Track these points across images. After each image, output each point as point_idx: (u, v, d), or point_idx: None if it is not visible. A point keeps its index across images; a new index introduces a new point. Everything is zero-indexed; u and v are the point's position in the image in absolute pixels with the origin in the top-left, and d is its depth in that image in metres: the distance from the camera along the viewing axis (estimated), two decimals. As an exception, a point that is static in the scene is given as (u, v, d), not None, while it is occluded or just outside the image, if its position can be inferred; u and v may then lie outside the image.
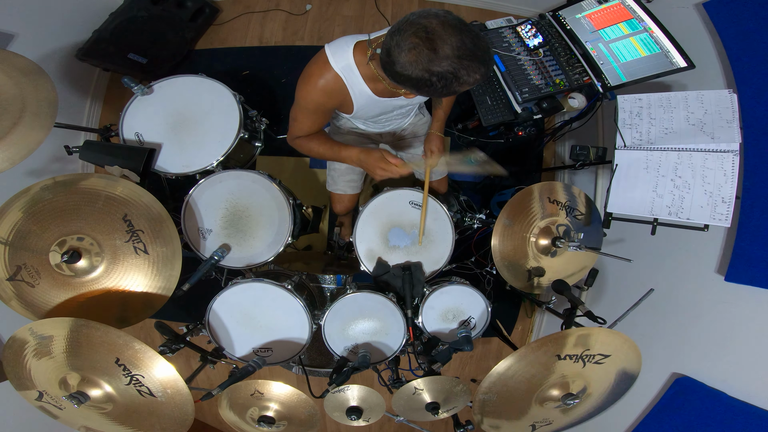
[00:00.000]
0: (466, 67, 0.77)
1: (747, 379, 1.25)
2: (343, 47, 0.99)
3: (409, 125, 1.51)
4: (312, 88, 1.02)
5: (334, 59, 0.98)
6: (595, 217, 1.41)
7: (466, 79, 0.79)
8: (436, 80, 0.78)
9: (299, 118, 1.14)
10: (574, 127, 2.09)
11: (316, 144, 1.20)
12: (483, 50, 0.78)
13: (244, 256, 1.32)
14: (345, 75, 1.00)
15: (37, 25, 1.89)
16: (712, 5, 1.48)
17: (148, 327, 2.20)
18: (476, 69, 0.78)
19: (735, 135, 1.26)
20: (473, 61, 0.77)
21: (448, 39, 0.75)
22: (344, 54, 0.98)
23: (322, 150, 1.19)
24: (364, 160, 1.12)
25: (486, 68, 0.80)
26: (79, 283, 1.12)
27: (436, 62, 0.76)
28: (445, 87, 0.80)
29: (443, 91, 0.82)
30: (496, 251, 1.28)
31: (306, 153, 1.23)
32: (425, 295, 1.36)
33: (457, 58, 0.76)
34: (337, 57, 0.98)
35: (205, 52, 2.47)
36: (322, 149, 1.20)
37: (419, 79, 0.79)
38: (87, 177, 1.14)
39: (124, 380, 1.03)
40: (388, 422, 2.33)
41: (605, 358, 1.05)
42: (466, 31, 0.76)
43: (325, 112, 1.12)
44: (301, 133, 1.19)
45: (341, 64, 0.98)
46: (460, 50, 0.75)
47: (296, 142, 1.22)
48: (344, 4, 2.56)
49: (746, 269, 1.27)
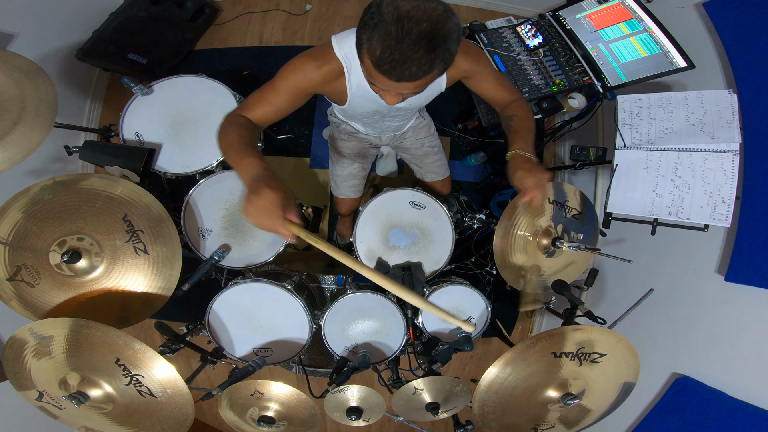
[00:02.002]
0: (384, 33, 0.71)
1: (747, 379, 1.25)
2: (348, 35, 0.97)
3: (409, 129, 1.50)
4: (308, 61, 0.95)
5: (338, 45, 0.97)
6: (590, 216, 1.40)
7: (372, 40, 0.73)
8: (372, 11, 0.73)
9: (266, 90, 0.97)
10: (574, 127, 2.09)
11: (237, 132, 0.92)
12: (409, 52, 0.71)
13: (244, 256, 1.32)
14: (346, 61, 0.98)
15: (37, 25, 1.89)
16: (712, 5, 1.49)
17: (148, 327, 2.19)
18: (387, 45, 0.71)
19: (735, 135, 1.26)
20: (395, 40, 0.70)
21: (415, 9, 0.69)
22: (349, 41, 0.97)
23: (234, 140, 0.90)
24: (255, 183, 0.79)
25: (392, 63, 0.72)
26: (79, 283, 1.12)
27: (389, 3, 0.71)
28: (363, 25, 0.74)
29: (360, 29, 0.76)
30: (498, 252, 1.27)
31: (219, 136, 0.93)
32: (425, 295, 1.36)
33: (396, 19, 0.69)
34: (342, 43, 0.97)
35: (205, 52, 2.47)
36: (234, 138, 0.91)
37: (370, 5, 0.73)
38: (87, 177, 1.14)
39: (124, 380, 1.03)
40: (388, 422, 2.33)
41: (602, 357, 1.05)
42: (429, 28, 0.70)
43: (302, 94, 0.99)
44: (252, 109, 0.98)
45: (344, 50, 0.97)
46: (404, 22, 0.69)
47: (229, 118, 0.96)
48: (344, 4, 2.56)
49: (746, 269, 1.27)
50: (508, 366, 1.04)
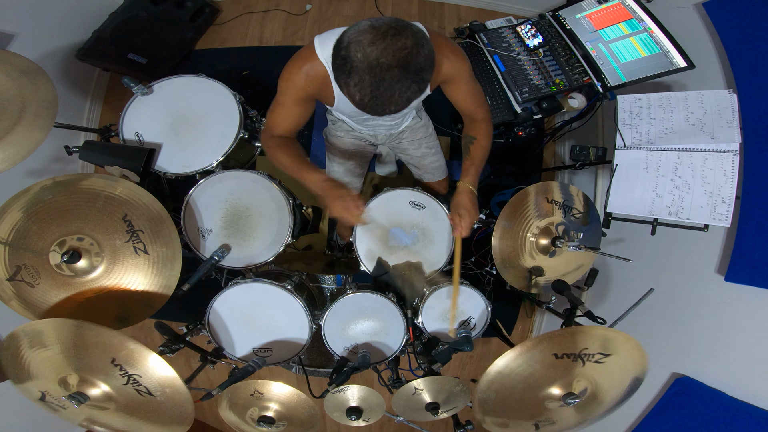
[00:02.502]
0: (359, 82, 0.76)
1: (747, 379, 1.25)
2: (330, 37, 0.96)
3: (406, 129, 1.49)
4: (295, 71, 1.00)
5: (320, 48, 0.98)
6: (594, 216, 1.41)
7: (349, 86, 0.78)
8: (342, 55, 0.77)
9: (276, 109, 1.10)
10: (574, 127, 2.09)
11: (285, 153, 1.11)
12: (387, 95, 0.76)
13: (244, 256, 1.32)
14: (329, 64, 0.98)
15: (37, 25, 1.89)
16: (712, 5, 1.49)
17: (148, 327, 2.19)
18: (365, 93, 0.77)
19: (735, 135, 1.26)
20: (371, 88, 0.75)
21: (384, 53, 0.73)
22: (331, 43, 0.96)
23: (288, 162, 1.10)
24: (327, 192, 1.06)
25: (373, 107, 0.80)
26: (78, 283, 1.12)
27: (357, 48, 0.74)
28: (337, 69, 0.79)
29: (335, 71, 0.81)
30: (497, 252, 1.27)
31: (272, 159, 1.13)
32: (425, 295, 1.36)
33: (368, 68, 0.74)
34: (324, 46, 0.97)
35: (205, 52, 2.47)
36: (287, 161, 1.11)
37: (339, 41, 0.78)
38: (87, 177, 1.14)
39: (121, 380, 1.03)
40: (388, 422, 2.33)
41: (606, 357, 1.05)
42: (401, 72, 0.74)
43: (304, 101, 1.07)
44: (276, 128, 1.12)
45: (327, 53, 0.96)
46: (376, 71, 0.74)
47: (267, 143, 1.14)
48: (344, 4, 2.56)
49: (746, 269, 1.27)
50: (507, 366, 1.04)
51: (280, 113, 1.10)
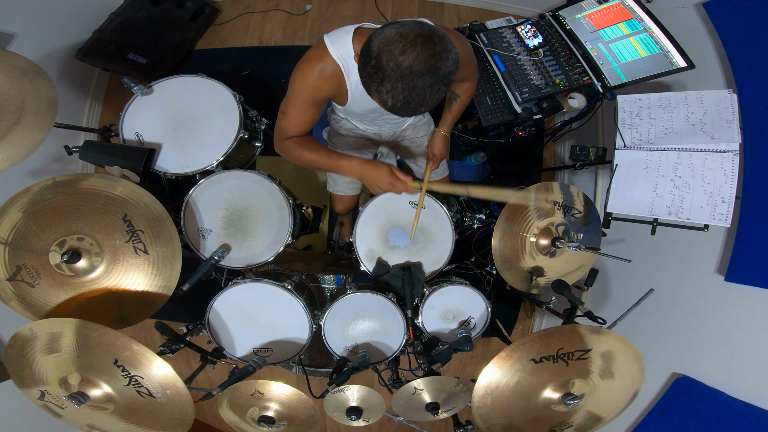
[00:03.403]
0: (391, 89, 0.78)
1: (747, 379, 1.25)
2: (342, 35, 0.97)
3: (408, 126, 1.50)
4: (309, 72, 0.98)
5: (333, 47, 0.97)
6: (594, 216, 1.41)
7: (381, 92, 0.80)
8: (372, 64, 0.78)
9: (290, 111, 1.06)
10: (574, 127, 2.09)
11: (309, 150, 1.11)
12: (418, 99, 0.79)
13: (244, 256, 1.32)
14: (343, 62, 0.98)
15: (37, 25, 1.89)
16: (712, 5, 1.49)
17: (148, 327, 2.20)
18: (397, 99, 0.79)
19: (735, 135, 1.26)
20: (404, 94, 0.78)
21: (416, 62, 0.75)
22: (343, 42, 0.97)
23: (315, 157, 1.10)
24: (369, 173, 1.08)
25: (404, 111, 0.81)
26: (79, 283, 1.12)
27: (389, 58, 0.76)
28: (368, 77, 0.80)
29: (365, 78, 0.82)
30: (497, 252, 1.27)
31: (295, 160, 1.12)
32: (425, 295, 1.36)
33: (401, 76, 0.76)
34: (336, 45, 0.97)
35: (205, 52, 2.47)
36: (314, 156, 1.10)
37: (367, 49, 0.79)
38: (87, 177, 1.14)
39: (123, 381, 1.03)
40: (388, 422, 2.33)
41: (586, 353, 1.05)
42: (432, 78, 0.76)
43: (318, 102, 1.06)
44: (290, 130, 1.10)
45: (340, 52, 0.97)
46: (408, 79, 0.76)
47: (285, 146, 1.12)
48: (344, 4, 2.56)
49: (746, 269, 1.27)
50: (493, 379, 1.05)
51: (294, 116, 1.07)
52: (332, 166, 1.11)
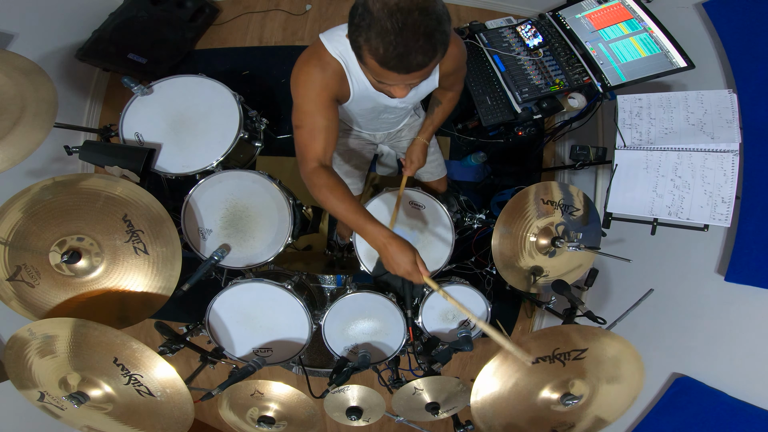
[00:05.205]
0: (380, 31, 0.72)
1: (747, 379, 1.25)
2: (338, 32, 0.96)
3: (404, 126, 1.50)
4: (312, 71, 0.94)
5: (330, 45, 0.96)
6: (593, 216, 1.41)
7: (370, 40, 0.74)
8: (359, 12, 0.75)
9: (303, 120, 0.97)
10: (574, 127, 2.09)
11: (337, 200, 0.95)
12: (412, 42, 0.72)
13: (244, 256, 1.32)
14: (343, 59, 0.97)
15: (37, 25, 1.89)
16: (712, 5, 1.48)
17: (148, 327, 2.20)
18: (389, 42, 0.72)
19: (735, 135, 1.26)
20: (394, 35, 0.71)
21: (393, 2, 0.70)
22: (340, 39, 0.96)
23: (342, 210, 0.96)
24: (393, 250, 0.96)
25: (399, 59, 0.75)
26: (79, 284, 1.12)
27: (374, 1, 0.72)
28: (356, 28, 0.77)
29: (354, 34, 0.78)
30: (497, 252, 1.27)
31: (321, 202, 0.98)
32: (425, 295, 1.36)
33: (389, 15, 0.71)
34: (334, 42, 0.96)
35: (205, 52, 2.47)
36: (342, 209, 0.95)
37: (354, 5, 0.76)
38: (87, 177, 1.14)
39: (122, 380, 1.03)
40: (388, 422, 2.33)
41: (583, 353, 1.05)
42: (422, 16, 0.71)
43: (330, 102, 0.98)
44: (311, 145, 0.98)
45: (339, 49, 0.96)
46: (396, 16, 0.70)
47: (313, 180, 0.97)
48: (344, 4, 2.56)
49: (746, 269, 1.27)
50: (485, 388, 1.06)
51: (309, 124, 0.97)
52: (357, 225, 0.97)
